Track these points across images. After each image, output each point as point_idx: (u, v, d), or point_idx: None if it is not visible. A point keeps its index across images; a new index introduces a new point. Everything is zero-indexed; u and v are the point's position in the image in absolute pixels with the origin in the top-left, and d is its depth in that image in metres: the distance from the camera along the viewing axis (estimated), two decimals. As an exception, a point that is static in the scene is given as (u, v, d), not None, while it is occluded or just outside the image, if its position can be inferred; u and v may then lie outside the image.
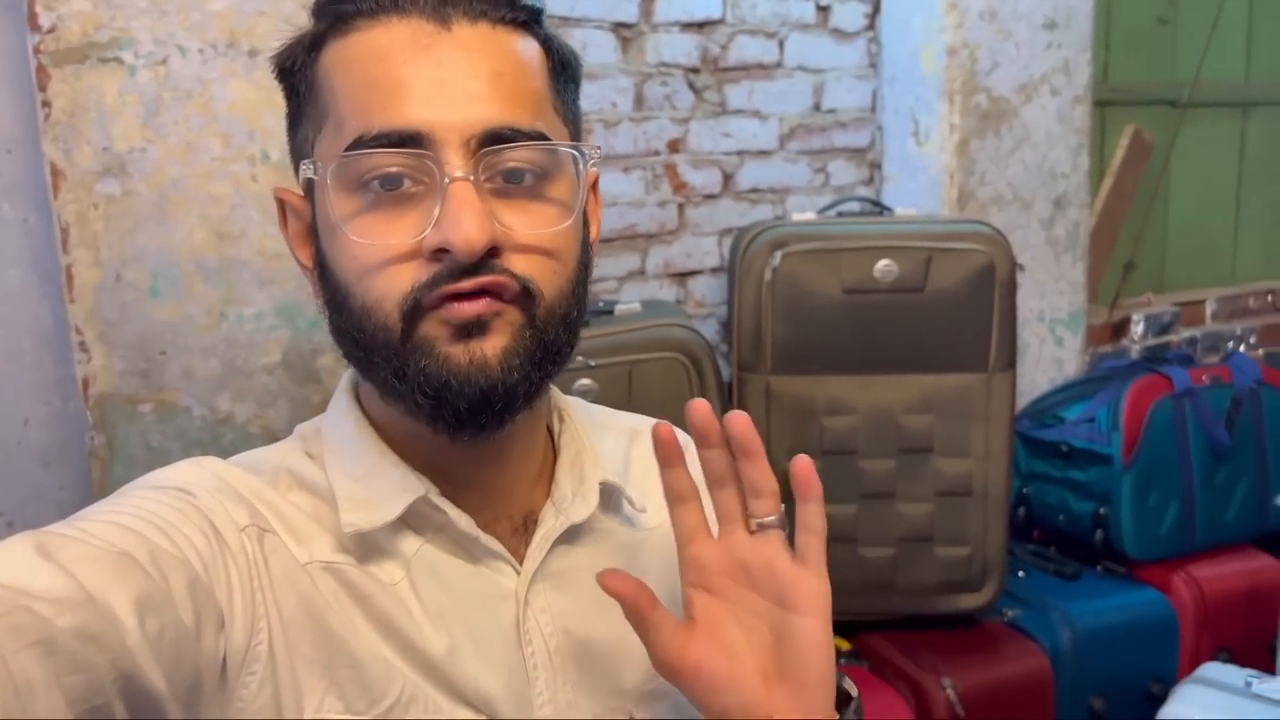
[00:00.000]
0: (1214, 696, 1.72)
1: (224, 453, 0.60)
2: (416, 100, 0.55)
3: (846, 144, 2.11)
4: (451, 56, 0.56)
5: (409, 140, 0.55)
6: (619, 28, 1.88)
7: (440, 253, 0.55)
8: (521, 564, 0.64)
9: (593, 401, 0.79)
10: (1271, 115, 2.77)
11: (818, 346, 1.64)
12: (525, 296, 0.57)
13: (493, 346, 0.56)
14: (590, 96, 1.87)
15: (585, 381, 1.39)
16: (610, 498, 0.69)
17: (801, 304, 1.63)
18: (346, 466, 0.61)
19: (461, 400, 0.56)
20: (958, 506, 1.68)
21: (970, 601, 1.71)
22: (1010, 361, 1.67)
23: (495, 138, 0.56)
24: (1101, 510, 1.91)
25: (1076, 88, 2.08)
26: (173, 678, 0.49)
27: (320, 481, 0.61)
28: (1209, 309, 2.63)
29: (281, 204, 0.64)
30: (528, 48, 0.59)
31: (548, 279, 0.58)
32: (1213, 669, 1.80)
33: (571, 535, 0.66)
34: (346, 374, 0.67)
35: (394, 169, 0.56)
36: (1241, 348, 2.55)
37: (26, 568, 0.46)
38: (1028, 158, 2.06)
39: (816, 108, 2.07)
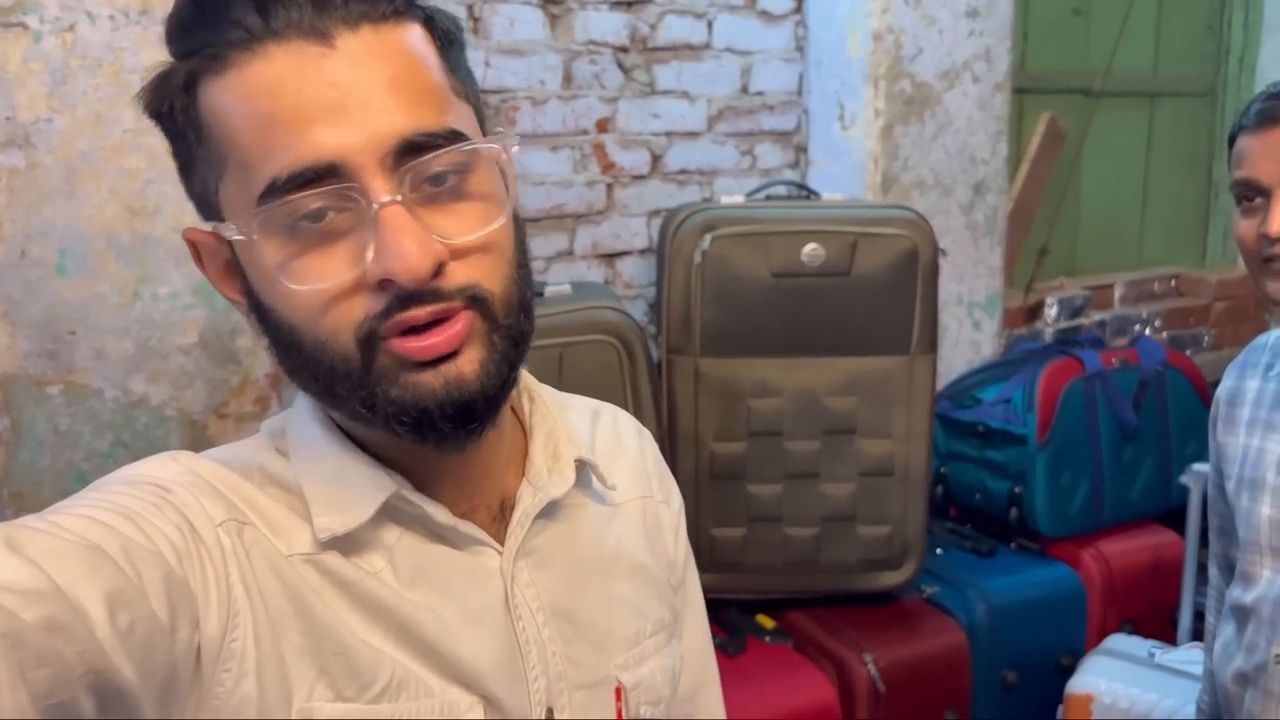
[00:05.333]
0: (1119, 667, 1.79)
1: (138, 436, 0.58)
2: (320, 129, 0.52)
3: (774, 127, 2.12)
4: (344, 74, 0.53)
5: (325, 174, 0.53)
6: (548, 4, 1.85)
7: (385, 283, 0.54)
8: (502, 544, 0.65)
9: None
10: (1177, 105, 2.87)
11: (746, 329, 1.65)
12: (479, 303, 0.57)
13: (469, 362, 0.56)
14: (518, 73, 1.84)
15: (514, 364, 1.38)
16: (583, 474, 0.70)
17: (730, 287, 1.64)
18: (315, 467, 0.60)
19: (444, 421, 0.56)
20: (880, 486, 1.71)
21: (891, 579, 1.75)
22: (932, 345, 1.70)
23: (411, 148, 0.54)
24: (1016, 489, 1.97)
25: (997, 75, 2.13)
26: (145, 673, 0.48)
27: (289, 479, 0.61)
28: (1117, 293, 2.72)
29: (194, 245, 0.60)
30: (414, 38, 0.57)
31: (494, 276, 0.58)
32: (1118, 641, 1.87)
33: (549, 512, 0.67)
34: None
35: (317, 207, 0.53)
36: (1148, 331, 2.65)
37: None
38: (949, 144, 2.10)
39: (744, 90, 2.07)
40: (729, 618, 1.75)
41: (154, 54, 1.36)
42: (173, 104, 0.56)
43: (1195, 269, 2.94)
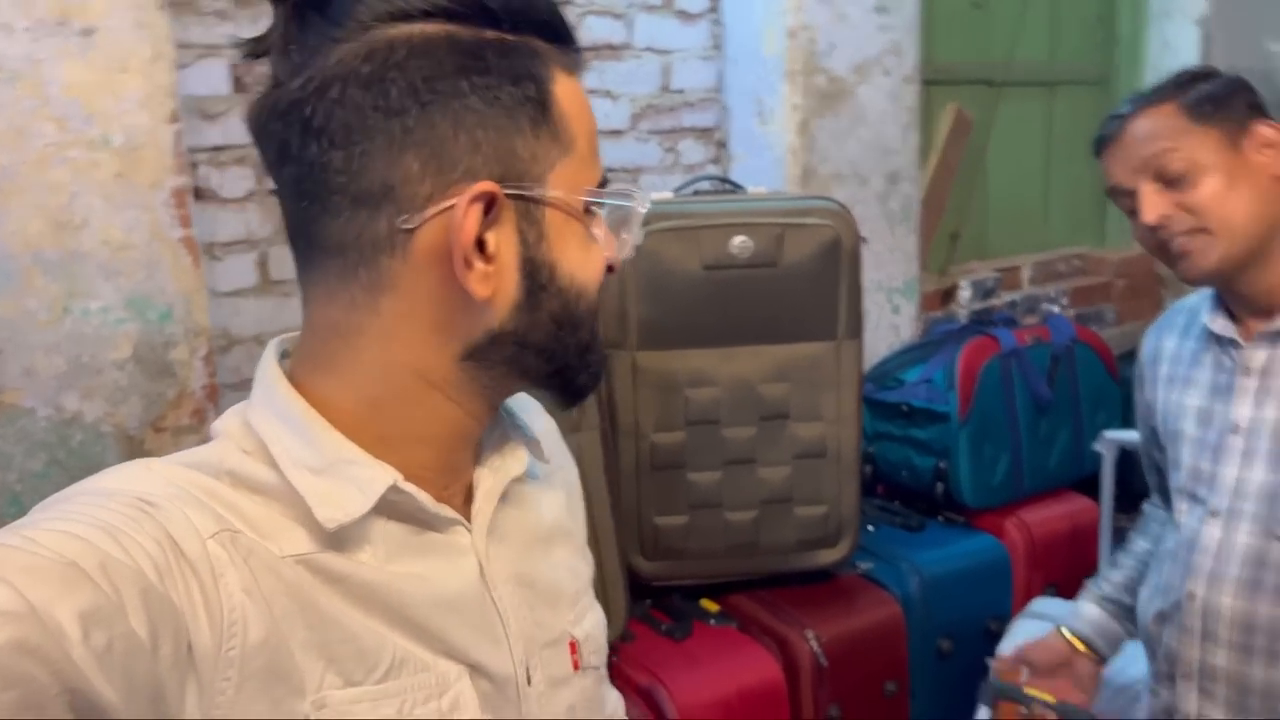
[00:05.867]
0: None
1: (73, 454, 0.58)
2: None
3: (695, 124, 2.17)
4: None
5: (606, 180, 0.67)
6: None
7: (614, 265, 0.68)
8: (469, 522, 0.69)
9: None
10: (1074, 93, 3.01)
11: (680, 322, 1.69)
12: None
13: None
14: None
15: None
16: (533, 448, 0.75)
17: (663, 281, 1.67)
18: (302, 459, 0.61)
19: (603, 370, 0.70)
20: (814, 468, 1.77)
21: (828, 557, 1.81)
22: (857, 330, 1.76)
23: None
24: (941, 465, 2.05)
25: (906, 68, 2.21)
26: (127, 691, 0.49)
27: (267, 480, 0.61)
28: (1025, 274, 2.84)
29: (492, 199, 0.59)
30: None
31: None
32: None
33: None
34: (268, 368, 0.65)
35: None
36: (1056, 309, 2.77)
37: None
38: (863, 135, 2.17)
39: (665, 88, 2.12)
40: (674, 604, 1.79)
41: (75, 66, 1.35)
42: (535, 77, 0.61)
43: (1097, 249, 3.08)
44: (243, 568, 0.57)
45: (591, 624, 0.78)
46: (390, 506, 0.63)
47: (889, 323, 2.30)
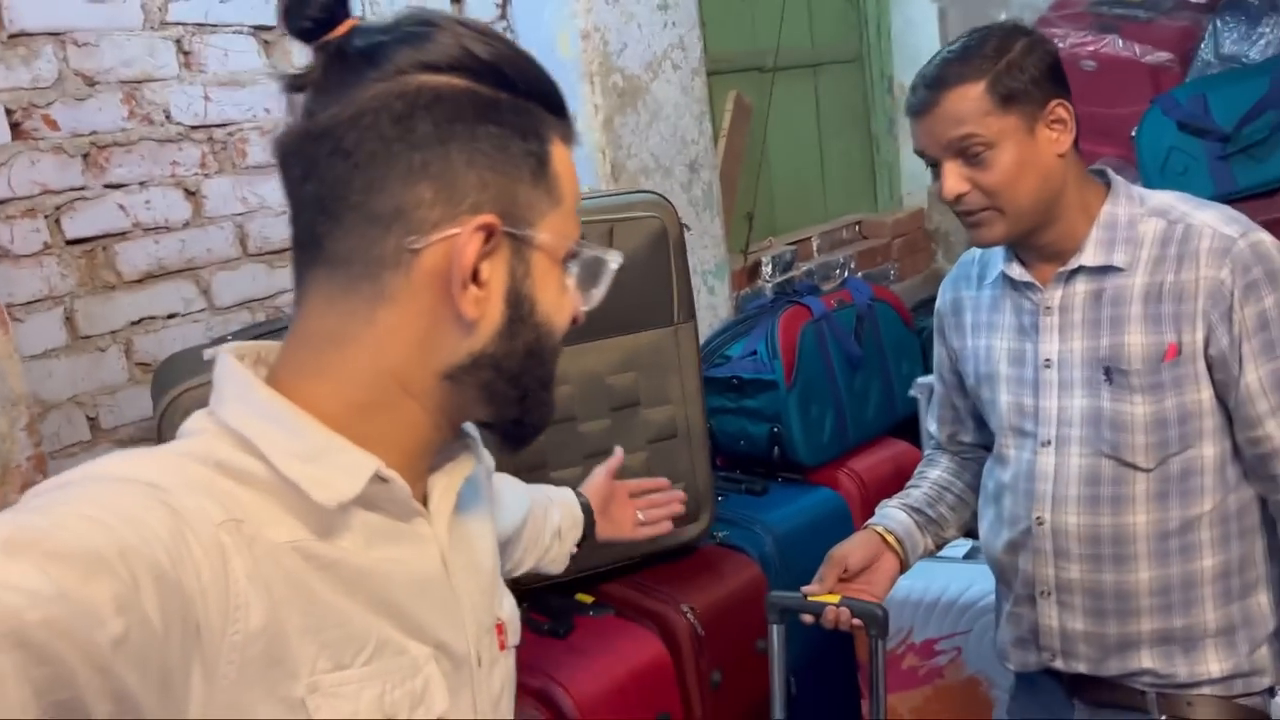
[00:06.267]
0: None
1: None
2: None
3: (499, 130, 2.19)
4: None
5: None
6: (259, 31, 1.81)
7: (581, 315, 0.76)
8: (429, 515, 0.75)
9: None
10: (834, 73, 3.24)
11: (523, 325, 1.72)
12: None
13: None
14: (240, 105, 1.79)
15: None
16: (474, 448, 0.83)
17: (502, 287, 1.69)
18: (290, 449, 0.65)
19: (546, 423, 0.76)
20: (668, 449, 1.84)
21: (693, 531, 1.89)
22: (690, 313, 1.85)
23: None
24: (775, 429, 2.18)
25: (692, 61, 2.32)
26: (142, 675, 0.52)
27: (257, 471, 0.65)
28: (815, 244, 3.04)
29: (492, 231, 0.67)
30: None
31: None
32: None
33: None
34: (231, 364, 0.69)
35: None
36: (845, 273, 2.98)
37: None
38: (662, 129, 2.26)
39: (466, 98, 2.12)
40: (551, 602, 1.82)
41: None
42: (534, 125, 0.69)
43: (871, 214, 3.33)
44: (246, 555, 0.61)
45: (510, 606, 0.86)
46: (367, 497, 0.68)
47: (706, 304, 2.41)
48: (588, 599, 1.86)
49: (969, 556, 2.04)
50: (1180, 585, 1.28)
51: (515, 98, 0.68)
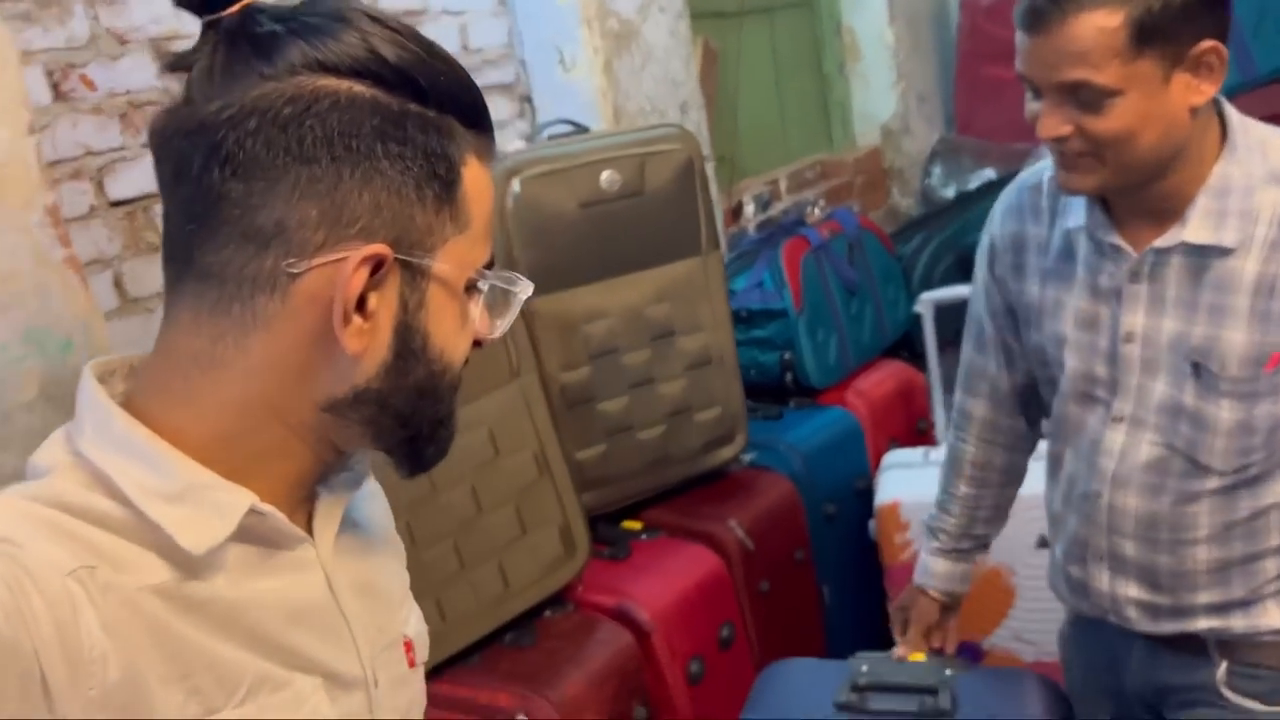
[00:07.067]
0: (907, 475, 2.16)
1: None
2: None
3: (497, 81, 2.21)
4: None
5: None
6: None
7: (481, 343, 0.69)
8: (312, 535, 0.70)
9: None
10: (789, 17, 3.32)
11: (565, 262, 1.76)
12: None
13: None
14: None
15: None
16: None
17: (544, 225, 1.74)
18: (153, 488, 0.60)
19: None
20: (703, 375, 1.92)
21: (729, 452, 1.97)
22: (716, 241, 1.92)
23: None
24: (786, 356, 2.28)
25: (677, 5, 2.37)
26: None
27: (113, 513, 0.59)
28: (783, 185, 3.13)
29: (381, 261, 0.61)
30: None
31: None
32: (894, 456, 2.25)
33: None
34: (93, 396, 0.63)
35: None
36: (816, 210, 3.08)
37: None
38: (654, 71, 2.32)
39: (465, 48, 2.14)
40: (603, 531, 1.88)
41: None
42: (448, 156, 0.62)
43: (830, 154, 3.44)
44: (100, 604, 0.56)
45: (417, 622, 0.81)
46: (243, 530, 0.63)
47: (702, 242, 2.47)
48: (635, 525, 1.93)
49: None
50: (1241, 561, 1.17)
51: (425, 110, 0.61)
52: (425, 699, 0.84)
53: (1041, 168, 1.24)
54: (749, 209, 2.79)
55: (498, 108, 2.21)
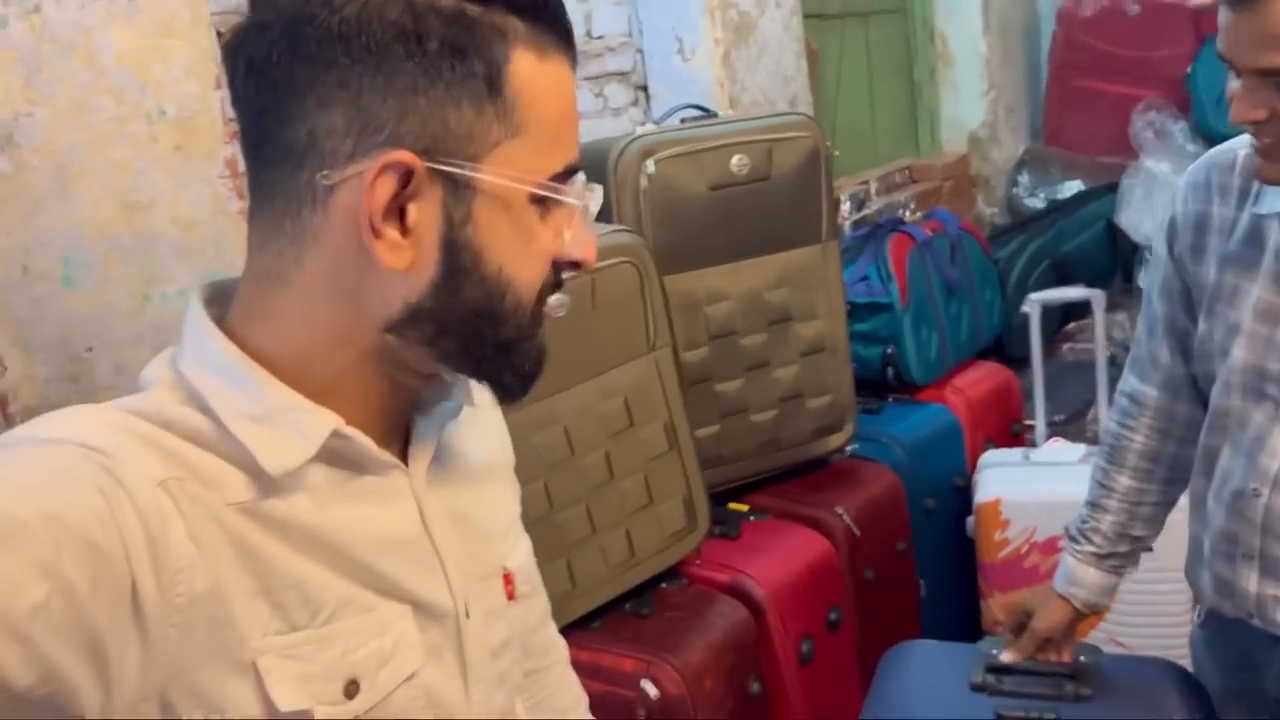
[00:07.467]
0: (1007, 473, 2.17)
1: None
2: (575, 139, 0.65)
3: (617, 68, 2.25)
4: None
5: (574, 172, 0.64)
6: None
7: (571, 264, 0.65)
8: (407, 464, 0.69)
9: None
10: (883, 22, 3.34)
11: (693, 243, 1.79)
12: None
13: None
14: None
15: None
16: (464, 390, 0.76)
17: (675, 205, 1.77)
18: (242, 408, 0.61)
19: (537, 377, 0.68)
20: (816, 362, 1.94)
21: (838, 440, 1.99)
22: (835, 231, 1.94)
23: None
24: (889, 350, 2.29)
25: (791, 1, 2.40)
26: (66, 642, 0.51)
27: (205, 429, 0.60)
28: (873, 187, 3.15)
29: (410, 172, 0.58)
30: None
31: None
32: (993, 455, 2.26)
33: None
34: (197, 311, 0.64)
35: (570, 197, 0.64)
36: (907, 213, 3.10)
37: None
38: (768, 65, 2.35)
39: (589, 35, 2.19)
40: (713, 511, 1.90)
41: (124, 33, 1.27)
42: (481, 49, 0.59)
43: (916, 159, 3.45)
44: (188, 515, 0.57)
45: (523, 554, 0.80)
46: (329, 452, 0.63)
47: (803, 237, 2.50)
48: (742, 507, 1.95)
49: (1084, 460, 2.17)
50: None
51: (464, 3, 0.58)
52: (547, 633, 0.86)
53: (1235, 144, 1.19)
54: (845, 207, 2.81)
55: (617, 95, 2.25)
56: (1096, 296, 2.20)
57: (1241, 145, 1.17)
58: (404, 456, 0.69)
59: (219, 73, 1.35)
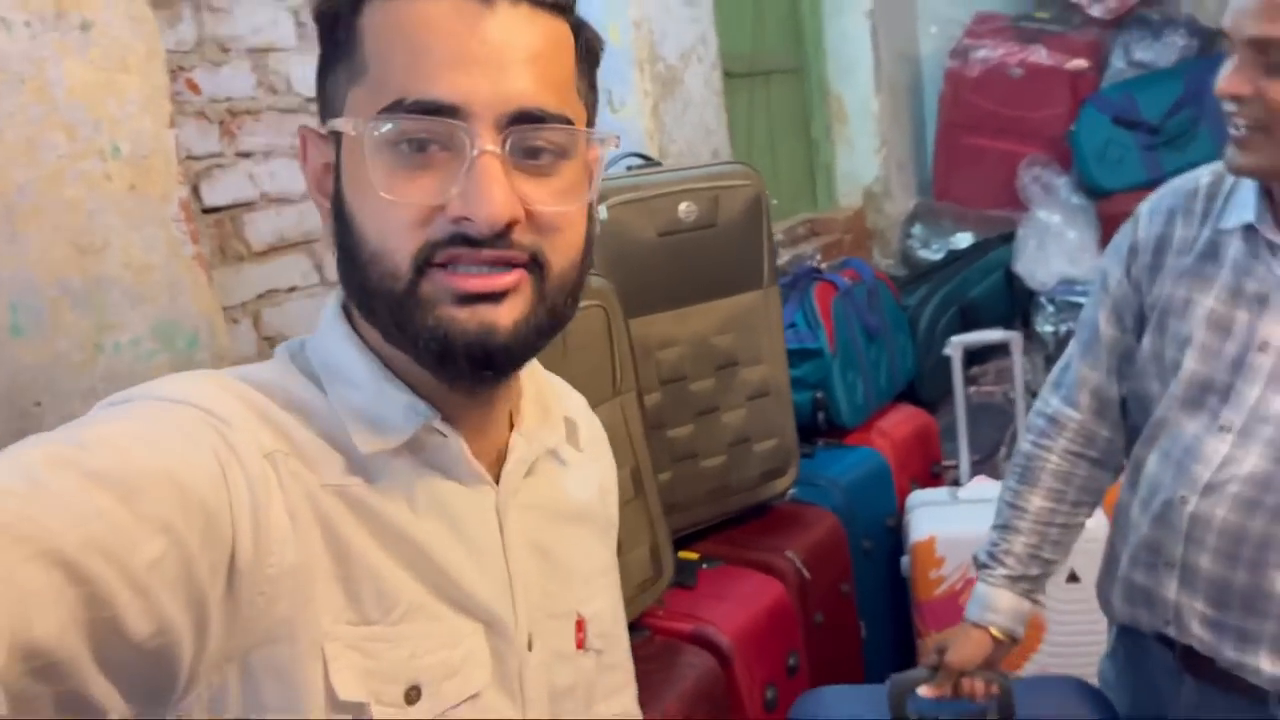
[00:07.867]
0: (937, 512, 2.22)
1: None
2: (456, 73, 0.58)
3: (545, 117, 2.25)
4: (493, 34, 0.58)
5: (444, 110, 0.58)
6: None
7: (461, 220, 0.59)
8: (496, 484, 0.70)
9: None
10: (780, 81, 3.45)
11: (643, 288, 1.79)
12: (536, 267, 0.61)
13: (507, 313, 0.61)
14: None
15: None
16: (570, 431, 0.77)
17: (625, 251, 1.76)
18: (348, 391, 0.64)
19: (465, 360, 0.61)
20: (762, 406, 1.95)
21: (783, 484, 2.00)
22: (775, 276, 1.97)
23: (526, 116, 0.59)
24: (818, 395, 2.33)
25: (711, 55, 2.46)
26: (175, 597, 0.52)
27: (317, 406, 0.63)
28: (778, 238, 3.22)
29: (304, 140, 0.66)
30: (561, 32, 0.63)
31: (558, 251, 0.63)
32: (921, 495, 2.31)
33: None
34: (333, 301, 0.69)
35: (424, 134, 0.59)
36: (813, 263, 3.18)
37: (39, 478, 0.49)
38: (692, 118, 2.39)
39: (519, 84, 2.18)
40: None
41: (77, 66, 1.19)
42: (338, 9, 0.62)
43: (814, 213, 3.56)
44: (288, 490, 0.59)
45: (602, 607, 0.78)
46: (423, 448, 0.65)
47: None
48: (693, 555, 1.93)
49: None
50: None
51: None
52: (627, 699, 0.82)
53: (1197, 174, 1.23)
54: (760, 258, 2.86)
55: (544, 144, 2.24)
56: (1015, 338, 2.30)
57: (1204, 174, 1.22)
58: (498, 475, 0.70)
59: (173, 110, 1.28)
